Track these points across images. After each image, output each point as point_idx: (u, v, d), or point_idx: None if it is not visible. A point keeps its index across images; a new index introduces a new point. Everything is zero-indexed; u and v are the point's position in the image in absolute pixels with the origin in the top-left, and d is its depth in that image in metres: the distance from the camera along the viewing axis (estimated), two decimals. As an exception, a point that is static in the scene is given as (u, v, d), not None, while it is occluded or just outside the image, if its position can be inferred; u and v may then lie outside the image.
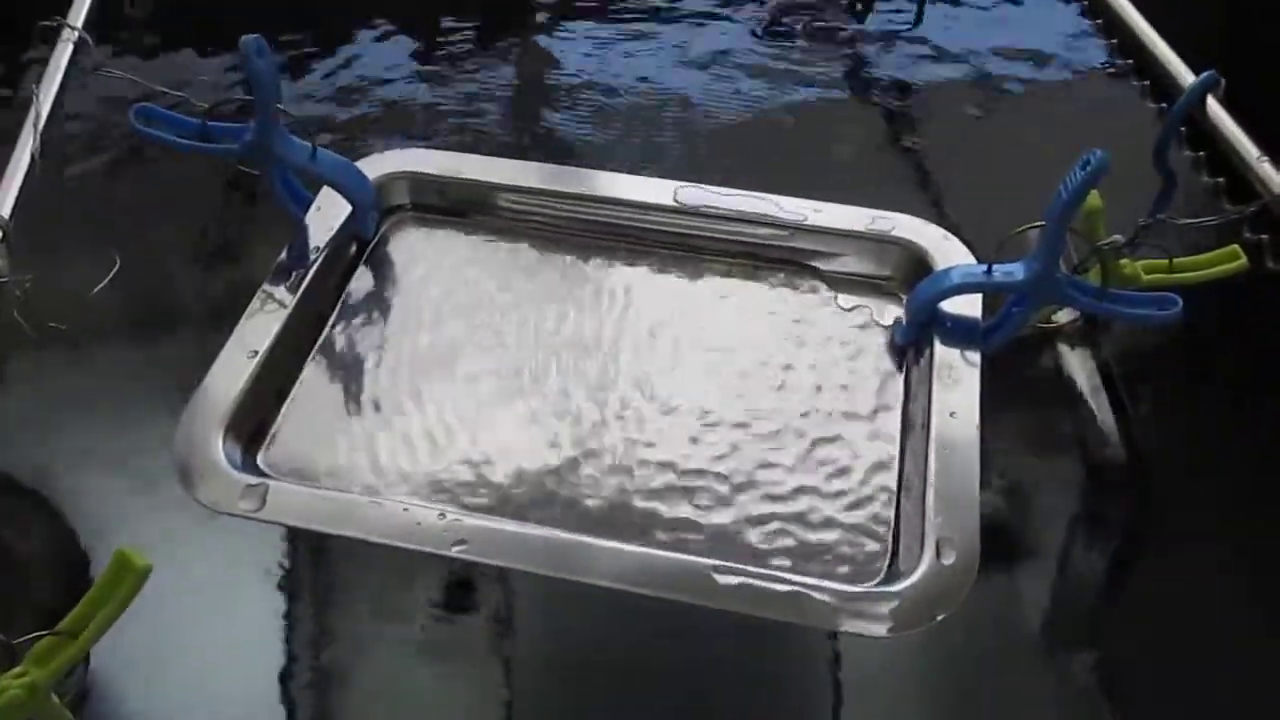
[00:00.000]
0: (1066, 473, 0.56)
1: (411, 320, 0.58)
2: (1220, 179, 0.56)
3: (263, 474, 0.50)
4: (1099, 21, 0.75)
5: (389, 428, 0.52)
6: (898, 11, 0.86)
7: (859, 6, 0.83)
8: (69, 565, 0.51)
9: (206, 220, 0.60)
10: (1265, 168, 0.50)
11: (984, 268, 0.53)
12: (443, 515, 0.47)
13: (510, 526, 0.47)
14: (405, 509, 0.47)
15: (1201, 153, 0.57)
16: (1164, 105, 0.68)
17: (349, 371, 0.55)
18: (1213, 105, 0.54)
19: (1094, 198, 0.55)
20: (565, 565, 0.45)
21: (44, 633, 0.41)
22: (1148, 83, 0.71)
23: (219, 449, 0.49)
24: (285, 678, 0.46)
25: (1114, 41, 0.73)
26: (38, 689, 0.41)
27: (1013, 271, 0.52)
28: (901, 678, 0.47)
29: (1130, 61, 0.70)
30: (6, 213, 0.44)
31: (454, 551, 0.45)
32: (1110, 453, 0.57)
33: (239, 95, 0.52)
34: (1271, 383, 0.57)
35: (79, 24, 0.52)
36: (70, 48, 0.51)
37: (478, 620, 0.48)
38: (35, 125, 0.46)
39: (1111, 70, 0.76)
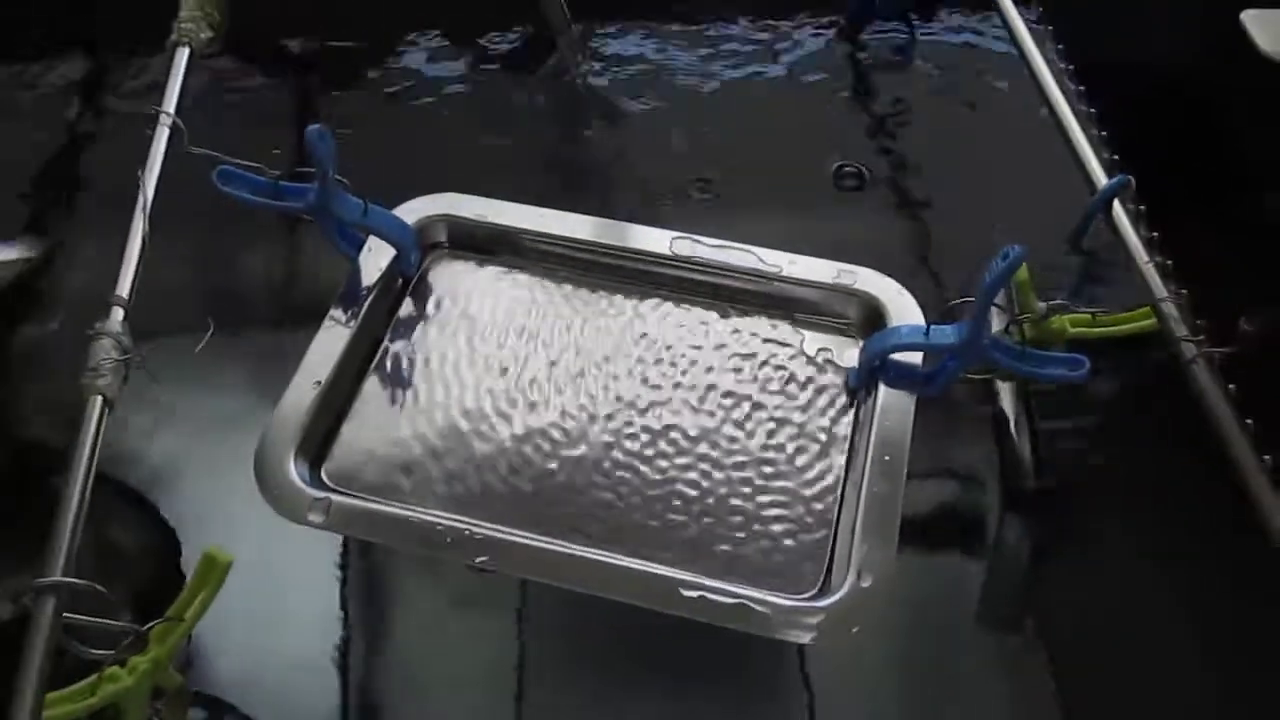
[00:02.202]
0: (985, 494, 0.67)
1: (448, 344, 0.69)
2: (1169, 261, 0.63)
3: (326, 485, 0.62)
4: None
5: (431, 441, 0.64)
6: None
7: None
8: (167, 561, 0.64)
9: (281, 263, 0.73)
10: (1149, 270, 0.58)
11: (924, 329, 0.63)
12: (469, 533, 0.58)
13: (520, 540, 0.59)
14: (439, 525, 0.59)
15: (1155, 234, 0.64)
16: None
17: (398, 390, 0.67)
18: (1117, 209, 0.62)
19: (1022, 272, 0.64)
20: (563, 576, 0.57)
21: (162, 620, 0.54)
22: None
23: (291, 469, 0.61)
24: (339, 639, 0.60)
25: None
26: (160, 663, 0.54)
27: (947, 334, 0.62)
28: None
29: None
30: (125, 294, 0.55)
31: (478, 563, 0.57)
32: (1025, 478, 0.68)
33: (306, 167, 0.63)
34: (1161, 419, 0.67)
35: (172, 110, 0.62)
36: (166, 132, 0.61)
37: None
38: (144, 210, 0.57)
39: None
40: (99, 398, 0.51)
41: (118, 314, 0.54)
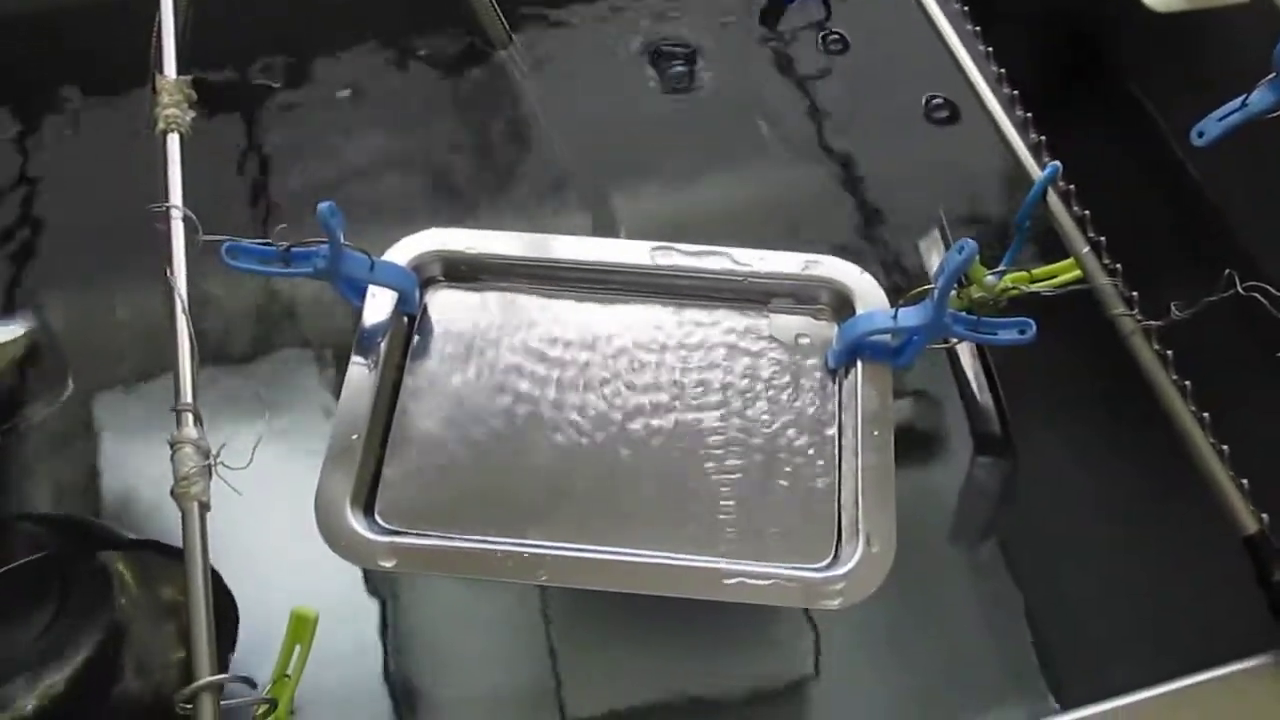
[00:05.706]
0: (958, 444, 0.78)
1: (463, 373, 0.75)
2: (1103, 238, 0.71)
3: (385, 529, 0.68)
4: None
5: (467, 469, 0.71)
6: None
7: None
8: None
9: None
10: (1089, 257, 0.66)
11: (892, 313, 0.71)
12: (525, 554, 0.66)
13: (572, 554, 0.67)
14: (498, 552, 0.66)
15: (1087, 211, 0.71)
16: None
17: (427, 425, 0.73)
18: (1051, 196, 0.70)
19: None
20: (617, 580, 0.66)
21: (280, 678, 0.61)
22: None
23: (351, 520, 0.67)
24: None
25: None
26: (280, 717, 0.62)
27: (911, 316, 0.71)
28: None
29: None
30: (189, 399, 0.59)
31: (541, 580, 0.65)
32: (989, 423, 0.78)
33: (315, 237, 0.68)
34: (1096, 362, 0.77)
35: (179, 201, 0.65)
36: (181, 226, 0.65)
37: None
38: (184, 311, 0.61)
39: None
40: (195, 504, 0.56)
41: (188, 418, 0.59)
